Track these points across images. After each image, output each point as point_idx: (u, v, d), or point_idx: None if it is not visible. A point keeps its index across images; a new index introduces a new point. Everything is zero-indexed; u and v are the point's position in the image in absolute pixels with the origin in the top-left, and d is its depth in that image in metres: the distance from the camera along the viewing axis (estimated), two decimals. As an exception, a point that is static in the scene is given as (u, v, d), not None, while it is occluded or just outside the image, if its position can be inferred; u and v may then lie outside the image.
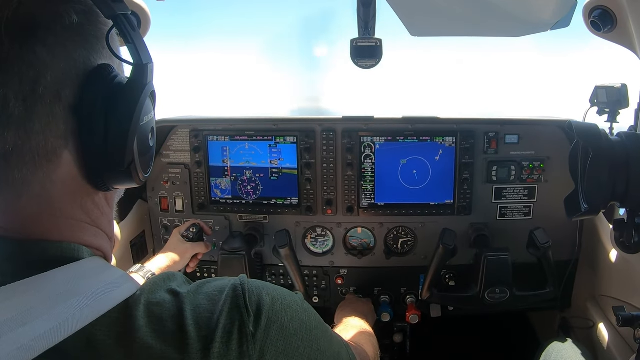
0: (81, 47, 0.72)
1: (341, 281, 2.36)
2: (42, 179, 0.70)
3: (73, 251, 0.73)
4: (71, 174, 0.73)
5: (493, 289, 1.96)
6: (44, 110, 0.67)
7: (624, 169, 1.26)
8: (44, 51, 0.66)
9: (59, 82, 0.68)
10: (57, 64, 0.68)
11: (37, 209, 0.72)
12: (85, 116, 0.71)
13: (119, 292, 0.71)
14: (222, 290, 0.78)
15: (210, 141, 2.24)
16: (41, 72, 0.66)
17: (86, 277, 0.71)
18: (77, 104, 0.70)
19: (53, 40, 0.68)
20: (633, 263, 1.78)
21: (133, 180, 0.79)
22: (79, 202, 0.76)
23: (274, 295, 0.83)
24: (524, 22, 1.61)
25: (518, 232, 2.17)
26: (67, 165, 0.72)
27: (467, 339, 2.85)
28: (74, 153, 0.72)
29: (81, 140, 0.72)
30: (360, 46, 1.86)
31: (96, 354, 0.67)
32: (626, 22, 1.55)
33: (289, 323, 0.81)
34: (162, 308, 0.72)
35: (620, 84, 1.78)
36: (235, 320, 0.74)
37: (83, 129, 0.71)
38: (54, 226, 0.73)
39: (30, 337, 0.61)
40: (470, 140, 2.14)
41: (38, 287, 0.66)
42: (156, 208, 2.36)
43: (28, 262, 0.70)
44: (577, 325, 2.14)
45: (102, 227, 0.81)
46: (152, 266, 1.83)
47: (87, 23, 0.73)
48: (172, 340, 0.70)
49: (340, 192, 2.24)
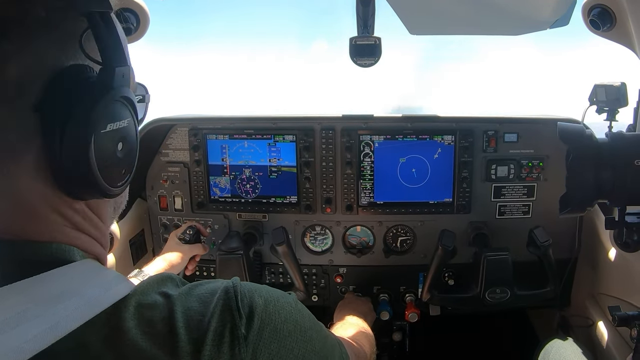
0: (52, 45, 0.69)
1: (340, 280, 2.36)
2: (6, 176, 0.67)
3: (64, 252, 0.71)
4: (38, 177, 0.69)
5: (493, 289, 1.96)
6: (5, 104, 0.65)
7: (609, 168, 1.27)
8: (9, 44, 0.64)
9: (23, 78, 0.65)
10: (22, 59, 0.65)
11: (10, 207, 0.69)
12: (47, 117, 0.67)
13: (111, 293, 0.70)
14: (213, 292, 0.76)
15: (209, 140, 2.24)
16: (3, 65, 0.64)
17: (79, 279, 0.69)
18: (40, 103, 0.66)
19: (20, 35, 0.65)
20: (632, 261, 1.78)
21: (98, 193, 0.73)
22: (53, 206, 0.71)
23: (266, 297, 0.81)
24: (523, 21, 1.62)
25: (517, 230, 2.18)
26: (31, 165, 0.68)
27: (466, 337, 2.86)
28: (38, 154, 0.68)
29: (44, 143, 0.67)
30: (359, 44, 1.86)
31: (87, 356, 0.66)
32: (625, 20, 1.55)
33: (282, 325, 0.80)
34: (153, 310, 0.71)
35: (620, 82, 1.78)
36: (226, 323, 0.73)
37: (44, 131, 0.67)
38: (32, 227, 0.70)
39: (23, 340, 0.59)
40: (469, 138, 2.14)
41: (31, 289, 0.65)
42: (155, 207, 2.36)
43: (19, 263, 0.68)
44: (576, 323, 2.14)
45: (89, 233, 0.77)
46: (150, 270, 1.82)
47: (62, 20, 0.70)
48: (162, 343, 0.69)
49: (340, 190, 2.24)
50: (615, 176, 1.24)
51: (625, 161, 1.21)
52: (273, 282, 2.39)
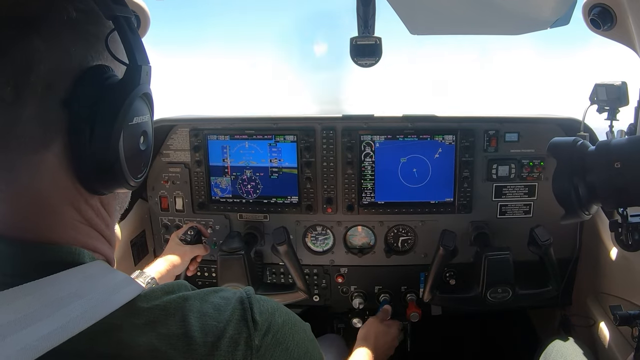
0: (79, 44, 0.72)
1: (341, 280, 2.36)
2: (29, 169, 0.70)
3: (73, 255, 0.73)
4: (59, 170, 0.72)
5: (495, 288, 1.96)
6: (33, 99, 0.67)
7: (593, 174, 1.31)
8: (40, 41, 0.67)
9: (52, 74, 0.68)
10: (52, 56, 0.68)
11: (27, 201, 0.72)
12: (74, 112, 0.71)
13: (121, 295, 0.71)
14: (228, 301, 0.79)
15: (210, 140, 2.24)
16: (35, 61, 0.67)
17: (89, 281, 0.71)
18: (68, 99, 0.70)
19: (50, 32, 0.68)
20: (633, 261, 1.78)
21: (121, 184, 0.77)
22: (71, 201, 0.75)
23: (285, 318, 0.84)
24: (524, 20, 1.62)
25: (518, 230, 2.18)
26: (55, 159, 0.71)
27: (467, 336, 2.86)
28: (62, 149, 0.72)
29: (69, 137, 0.71)
30: (359, 45, 1.86)
31: (98, 357, 0.67)
32: (625, 19, 1.55)
33: (294, 348, 0.83)
34: (167, 312, 0.73)
35: (620, 81, 1.77)
36: (242, 332, 0.75)
37: (71, 125, 0.71)
38: (44, 222, 0.73)
39: (34, 338, 0.61)
40: (470, 138, 2.14)
41: (40, 290, 0.66)
42: (156, 207, 2.36)
43: (28, 265, 0.70)
44: (577, 323, 2.14)
45: (99, 230, 0.80)
46: (151, 271, 1.82)
47: (86, 22, 0.74)
48: (176, 344, 0.70)
49: (340, 190, 2.24)
50: (599, 180, 1.26)
51: (607, 165, 1.24)
52: (274, 283, 2.39)
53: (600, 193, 1.28)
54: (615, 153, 1.22)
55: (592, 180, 1.29)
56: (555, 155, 1.40)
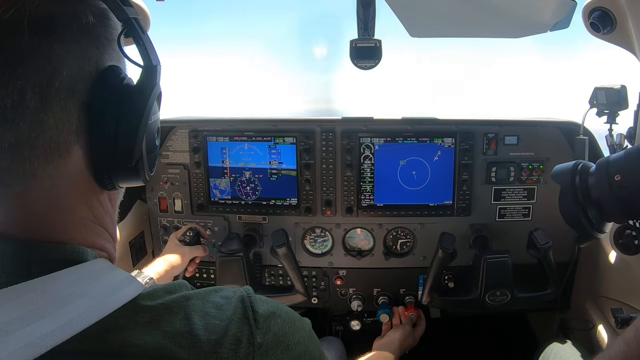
0: (94, 47, 0.74)
1: (340, 282, 2.36)
2: (52, 173, 0.71)
3: (77, 254, 0.74)
4: (79, 171, 0.75)
5: (493, 291, 1.96)
6: (58, 104, 0.69)
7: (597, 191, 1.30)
8: (62, 47, 0.68)
9: (74, 79, 0.70)
10: (73, 61, 0.70)
11: (45, 205, 0.73)
12: (96, 113, 0.73)
13: (123, 293, 0.73)
14: (228, 300, 0.80)
15: (209, 142, 2.24)
16: (58, 67, 0.68)
17: (91, 279, 0.72)
18: (90, 101, 0.72)
19: (70, 38, 0.70)
20: (632, 264, 1.78)
21: (139, 178, 0.81)
22: (85, 200, 0.78)
23: (285, 317, 0.85)
24: (524, 23, 1.61)
25: (517, 233, 2.17)
26: (77, 161, 0.74)
27: (465, 339, 2.85)
28: (84, 149, 0.74)
29: (91, 137, 0.74)
30: (359, 47, 1.86)
31: (102, 354, 0.68)
32: (625, 23, 1.55)
33: (294, 346, 0.84)
34: (171, 310, 0.74)
35: (620, 85, 1.78)
36: (244, 330, 0.77)
37: (93, 126, 0.73)
38: (59, 223, 0.75)
39: (37, 335, 0.62)
40: (470, 141, 2.14)
41: (43, 288, 0.68)
42: (155, 208, 2.36)
43: (32, 263, 0.71)
44: (576, 326, 2.13)
45: (106, 227, 0.83)
46: (150, 271, 1.82)
47: (100, 25, 0.75)
48: (180, 342, 0.72)
49: (340, 192, 2.24)
50: (603, 196, 1.27)
51: (608, 180, 1.24)
52: (273, 284, 2.39)
53: (607, 209, 1.28)
54: (614, 167, 1.22)
55: (597, 198, 1.29)
56: (559, 182, 1.40)
